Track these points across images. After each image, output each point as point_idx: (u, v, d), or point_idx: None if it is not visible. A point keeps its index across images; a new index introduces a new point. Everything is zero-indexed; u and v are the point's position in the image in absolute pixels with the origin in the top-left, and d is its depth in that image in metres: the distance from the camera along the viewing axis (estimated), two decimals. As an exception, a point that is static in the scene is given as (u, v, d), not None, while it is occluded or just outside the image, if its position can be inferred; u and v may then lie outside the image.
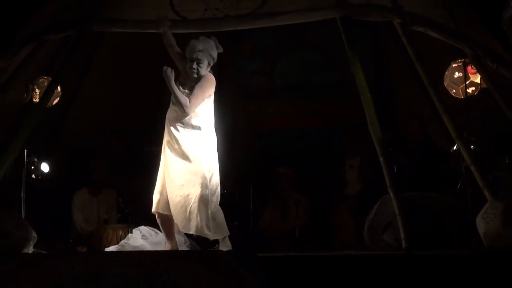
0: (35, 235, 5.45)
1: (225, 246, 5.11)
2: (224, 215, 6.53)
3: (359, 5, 5.49)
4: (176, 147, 5.12)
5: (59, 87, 6.33)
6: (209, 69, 5.26)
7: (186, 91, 5.12)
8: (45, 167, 6.39)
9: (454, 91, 6.34)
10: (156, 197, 5.17)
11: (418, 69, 5.60)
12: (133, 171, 7.39)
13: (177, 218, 5.04)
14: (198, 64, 5.14)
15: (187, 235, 5.47)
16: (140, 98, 8.10)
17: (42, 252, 5.35)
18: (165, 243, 5.33)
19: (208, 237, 5.08)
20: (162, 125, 8.13)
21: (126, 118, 7.97)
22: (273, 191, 7.37)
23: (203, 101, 5.14)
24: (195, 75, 5.15)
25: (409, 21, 5.47)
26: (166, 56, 8.21)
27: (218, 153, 5.91)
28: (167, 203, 5.11)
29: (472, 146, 5.46)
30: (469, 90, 6.21)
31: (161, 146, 6.51)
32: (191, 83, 5.18)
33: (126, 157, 7.63)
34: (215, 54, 5.23)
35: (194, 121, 5.14)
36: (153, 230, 5.65)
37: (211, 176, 5.16)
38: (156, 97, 8.26)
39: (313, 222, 7.10)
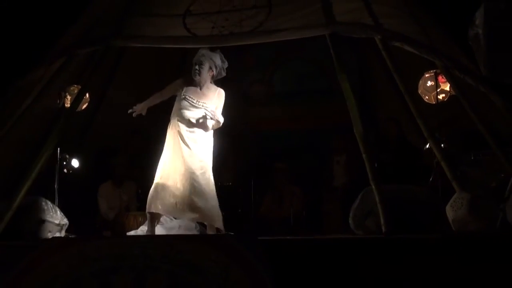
0: (67, 221, 5.47)
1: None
2: (229, 204, 6.55)
3: (346, 23, 5.48)
4: (193, 152, 5.12)
5: (87, 94, 6.34)
6: (211, 77, 5.25)
7: (199, 104, 5.14)
8: (75, 163, 6.41)
9: (427, 97, 6.35)
10: (170, 200, 5.09)
11: (396, 78, 5.61)
12: (150, 165, 7.39)
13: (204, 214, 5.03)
14: (199, 66, 5.17)
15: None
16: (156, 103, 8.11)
17: (73, 236, 5.37)
18: (179, 227, 5.34)
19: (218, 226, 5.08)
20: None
21: (144, 120, 7.96)
22: (271, 183, 7.38)
23: None
24: (197, 76, 5.17)
25: (388, 37, 5.47)
26: (180, 67, 8.28)
27: (223, 150, 5.90)
28: (184, 205, 5.07)
29: (442, 145, 5.47)
30: (440, 96, 6.22)
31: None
32: (196, 89, 5.20)
33: (144, 153, 7.64)
34: (218, 62, 5.25)
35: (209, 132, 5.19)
36: (168, 217, 5.64)
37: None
38: (170, 102, 8.29)
39: (306, 210, 7.11)
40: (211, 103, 5.18)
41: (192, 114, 5.16)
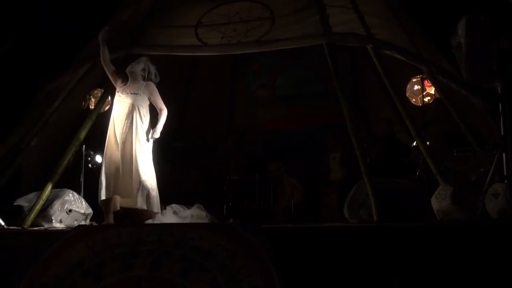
0: (91, 211, 5.48)
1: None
2: (236, 196, 6.48)
3: (341, 34, 5.47)
4: (140, 142, 5.19)
5: (109, 97, 6.34)
6: (142, 77, 5.35)
7: (130, 92, 5.26)
8: (98, 159, 6.39)
9: (414, 100, 6.34)
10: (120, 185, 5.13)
11: (386, 82, 5.59)
12: (164, 161, 7.39)
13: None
14: (137, 63, 5.36)
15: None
16: (169, 104, 8.11)
17: (96, 224, 5.37)
18: (191, 216, 5.33)
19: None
20: (187, 126, 8.12)
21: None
22: (275, 178, 7.36)
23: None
24: (132, 67, 5.33)
25: (379, 46, 5.46)
26: (191, 71, 8.26)
27: (230, 148, 5.87)
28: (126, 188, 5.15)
29: (428, 142, 5.46)
30: (426, 99, 6.21)
31: (184, 143, 6.45)
32: (126, 85, 5.32)
33: (158, 150, 7.64)
34: (151, 70, 5.40)
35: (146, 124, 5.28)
36: (181, 207, 5.60)
37: None
38: (181, 103, 8.29)
39: (305, 201, 7.10)
40: (140, 92, 5.27)
41: (124, 106, 5.25)
